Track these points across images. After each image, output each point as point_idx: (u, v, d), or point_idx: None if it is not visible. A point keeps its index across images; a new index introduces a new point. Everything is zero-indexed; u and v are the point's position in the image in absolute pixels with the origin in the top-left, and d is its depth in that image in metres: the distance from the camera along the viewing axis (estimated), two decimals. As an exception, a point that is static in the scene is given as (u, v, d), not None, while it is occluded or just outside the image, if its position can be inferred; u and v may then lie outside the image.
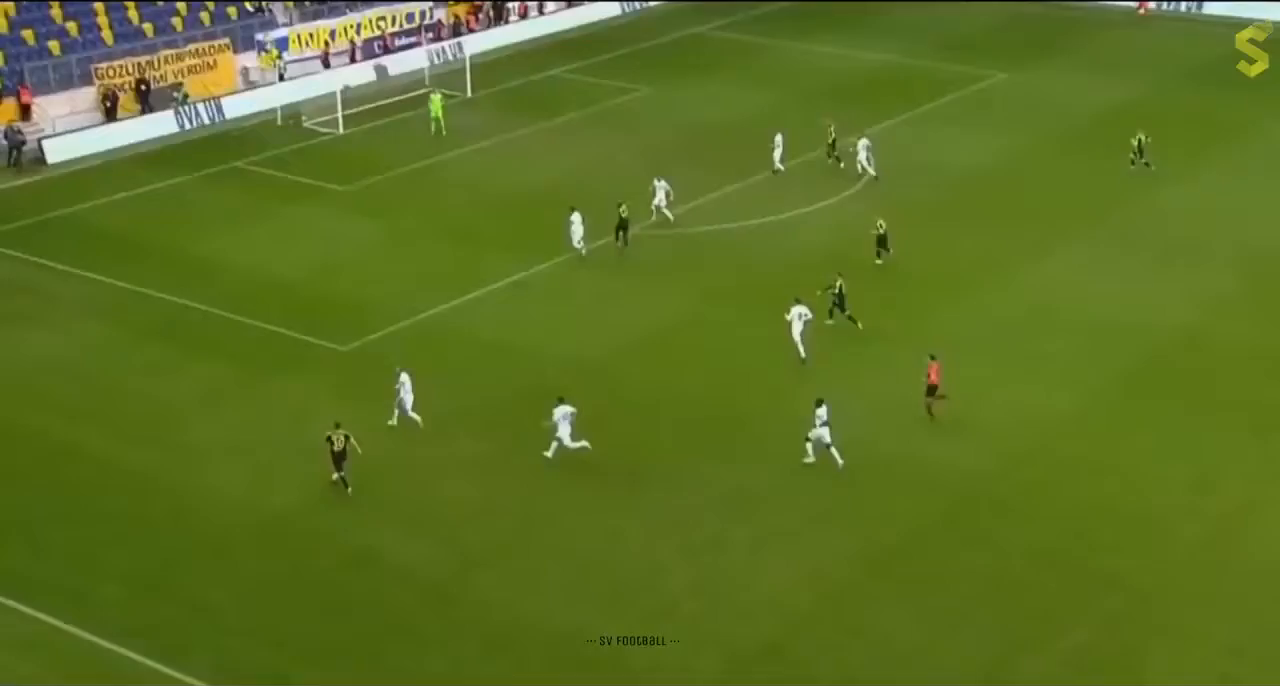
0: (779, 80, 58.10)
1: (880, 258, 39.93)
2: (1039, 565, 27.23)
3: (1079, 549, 27.76)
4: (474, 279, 38.87)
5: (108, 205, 44.93)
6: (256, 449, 30.92)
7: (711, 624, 25.49)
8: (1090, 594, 26.43)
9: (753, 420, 31.96)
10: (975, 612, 25.84)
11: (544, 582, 26.50)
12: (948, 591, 26.38)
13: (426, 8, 62.78)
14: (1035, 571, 27.02)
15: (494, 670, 24.47)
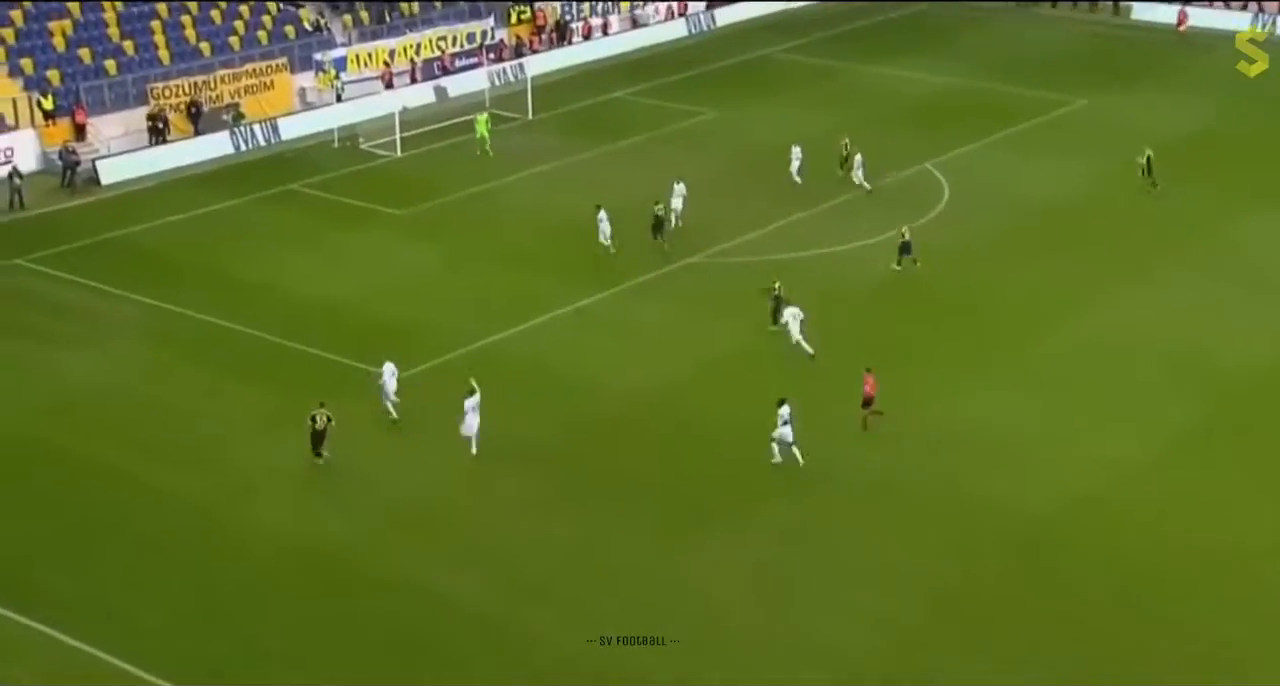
0: (849, 104, 58.22)
1: (899, 265, 40.40)
2: (1113, 611, 26.97)
3: (1155, 594, 27.48)
4: (533, 306, 39.21)
5: (160, 227, 45.80)
6: (304, 477, 31.31)
7: (775, 669, 25.44)
8: (1168, 641, 26.15)
9: (820, 456, 31.96)
10: (1046, 659, 25.62)
11: (597, 620, 26.54)
12: (1016, 637, 26.19)
13: (487, 28, 63.56)
14: (1109, 618, 26.76)
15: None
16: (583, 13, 67.82)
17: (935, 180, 49.37)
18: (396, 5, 62.60)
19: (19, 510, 30.09)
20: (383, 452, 32.28)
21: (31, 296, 40.52)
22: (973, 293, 40.19)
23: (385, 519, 29.78)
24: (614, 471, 31.53)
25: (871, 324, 38.50)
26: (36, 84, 51.83)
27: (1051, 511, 30.02)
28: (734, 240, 43.88)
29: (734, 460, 31.89)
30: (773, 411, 31.60)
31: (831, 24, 71.94)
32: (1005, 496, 30.50)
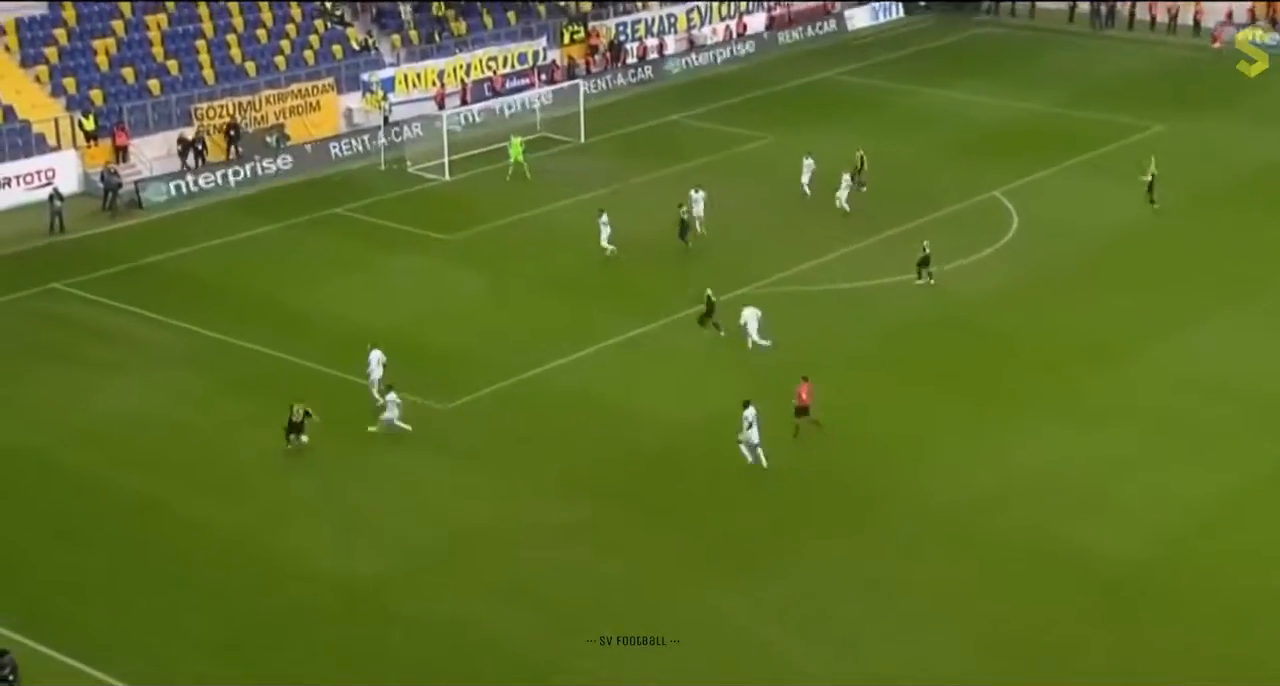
0: (914, 129, 58.11)
1: (921, 278, 40.82)
2: (1198, 664, 26.52)
3: (1245, 646, 27.00)
4: (584, 336, 39.26)
5: (202, 252, 46.28)
6: (347, 511, 31.40)
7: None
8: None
9: (875, 495, 31.75)
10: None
11: (643, 665, 26.39)
12: None
13: (540, 48, 63.96)
14: (1194, 671, 26.31)
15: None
16: (638, 33, 68.14)
17: (1004, 208, 49.13)
18: (447, 25, 63.12)
19: (50, 538, 30.35)
20: (421, 484, 32.37)
21: (69, 321, 41.00)
22: (1041, 326, 39.93)
23: (422, 552, 29.82)
24: (661, 505, 31.48)
25: (934, 358, 38.28)
26: (79, 104, 52.58)
27: (1127, 554, 29.64)
28: (791, 269, 43.84)
29: (783, 494, 31.75)
30: (824, 442, 31.42)
31: (895, 47, 71.95)
32: (1075, 537, 30.15)
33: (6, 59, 53.01)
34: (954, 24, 75.99)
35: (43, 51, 53.53)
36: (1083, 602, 28.19)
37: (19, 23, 53.69)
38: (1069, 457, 33.23)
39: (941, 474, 32.49)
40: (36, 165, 50.14)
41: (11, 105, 51.10)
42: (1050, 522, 30.71)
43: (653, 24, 68.97)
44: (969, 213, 48.84)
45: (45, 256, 46.07)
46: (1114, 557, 29.55)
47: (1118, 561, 29.48)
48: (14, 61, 53.02)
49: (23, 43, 53.60)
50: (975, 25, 75.89)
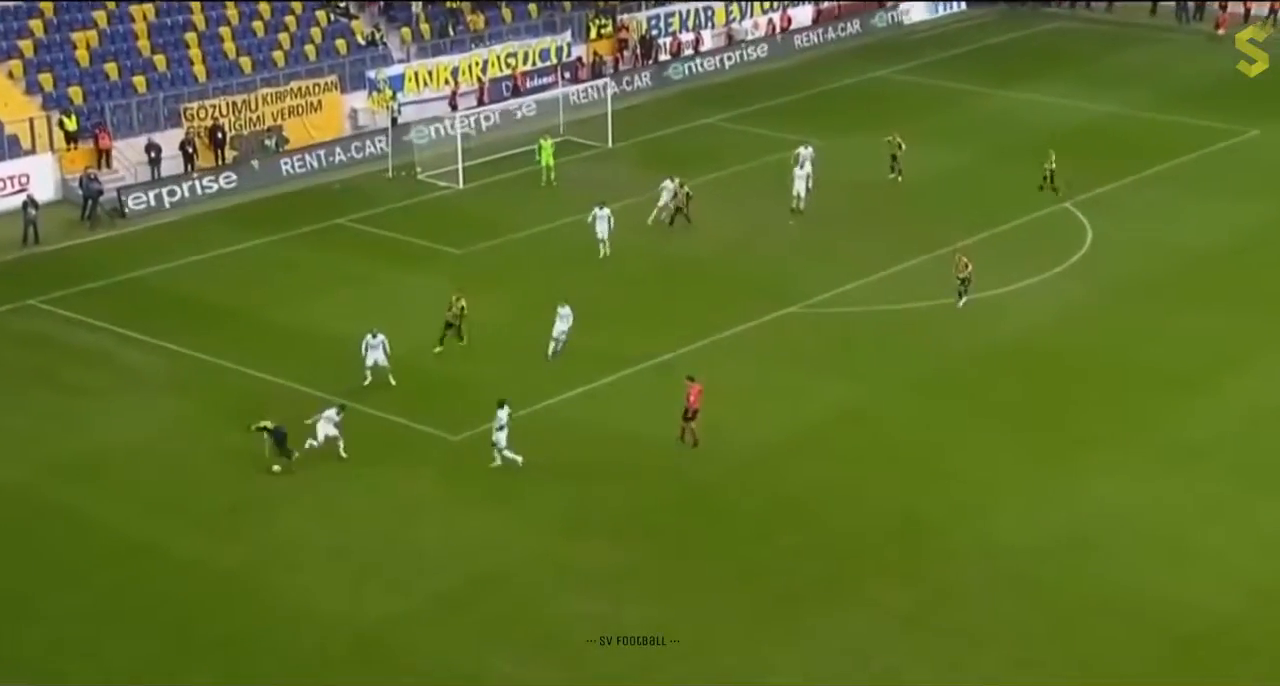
0: (977, 134, 58.45)
1: (960, 301, 41.29)
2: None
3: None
4: (609, 361, 39.66)
5: (192, 266, 46.88)
6: (353, 550, 31.83)
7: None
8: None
9: (934, 538, 32.04)
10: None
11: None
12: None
13: (564, 43, 64.57)
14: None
15: None
16: (671, 27, 68.75)
17: (1077, 222, 49.39)
18: (462, 17, 63.83)
19: (31, 584, 30.79)
20: (439, 524, 32.79)
21: (46, 341, 41.62)
22: (1117, 352, 40.17)
23: (440, 597, 30.20)
24: (698, 547, 31.82)
25: (998, 387, 38.59)
26: (56, 102, 53.37)
27: (1210, 606, 29.77)
28: (839, 287, 44.24)
29: (835, 535, 32.06)
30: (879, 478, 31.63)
31: (955, 43, 72.39)
32: (1153, 586, 30.33)
33: (-23, 54, 53.92)
34: (1022, 18, 76.38)
35: (16, 44, 54.33)
36: (1160, 659, 28.33)
37: (-10, 13, 54.65)
38: (1147, 497, 33.45)
39: (1007, 514, 32.76)
40: (9, 170, 50.97)
41: (-18, 104, 51.99)
42: (1125, 569, 30.90)
43: (688, 17, 69.62)
44: (1037, 227, 49.12)
45: (18, 270, 46.79)
46: (1196, 609, 29.68)
47: (1200, 613, 29.61)
48: (-15, 56, 53.95)
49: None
50: (1046, 19, 76.26)
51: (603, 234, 46.14)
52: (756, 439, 36.00)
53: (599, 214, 46.27)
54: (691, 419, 34.91)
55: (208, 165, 54.09)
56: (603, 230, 46.11)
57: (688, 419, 34.92)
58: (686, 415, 34.94)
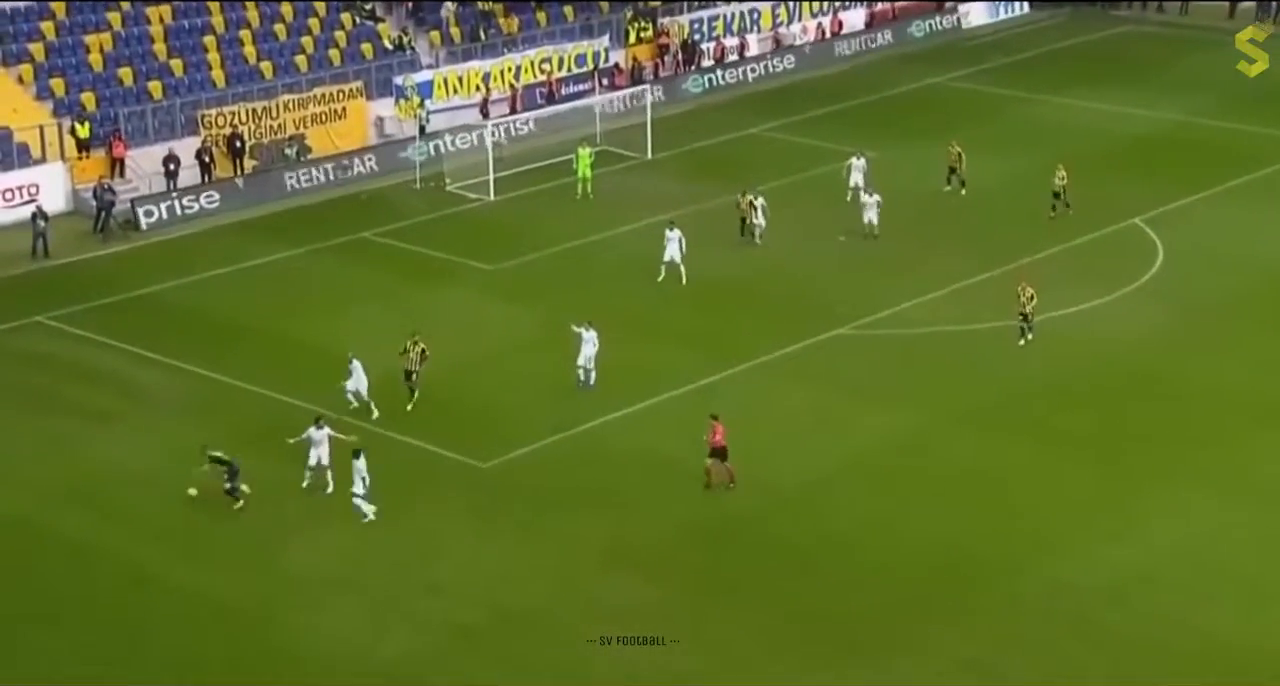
0: (1039, 144, 58.12)
1: (1024, 338, 41.06)
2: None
3: None
4: (648, 384, 39.51)
5: (209, 281, 47.01)
6: (371, 585, 31.71)
7: None
8: None
9: (993, 574, 31.72)
10: None
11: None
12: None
13: (601, 48, 64.60)
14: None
15: None
16: (715, 31, 68.70)
17: (1146, 239, 49.04)
18: (494, 21, 63.91)
19: (32, 618, 30.75)
20: (459, 554, 32.68)
21: (52, 361, 41.72)
22: (1191, 377, 39.85)
23: (463, 634, 30.01)
24: (738, 584, 31.56)
25: (1063, 414, 38.22)
26: (68, 109, 53.66)
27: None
28: (894, 307, 44.01)
29: (886, 574, 31.76)
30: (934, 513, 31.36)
31: (1017, 48, 72.16)
32: (1226, 630, 29.94)
33: (-14, 57, 54.29)
34: (1089, 22, 76.07)
35: (26, 48, 54.68)
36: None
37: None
38: (1221, 535, 33.03)
39: (1071, 552, 32.36)
40: (18, 180, 51.26)
41: (-10, 110, 52.31)
42: (1197, 612, 30.51)
43: (732, 21, 69.57)
44: (1105, 243, 48.79)
45: (26, 285, 47.03)
46: (1270, 656, 29.26)
47: (1274, 660, 29.17)
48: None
49: (3, 38, 54.73)
50: (1114, 23, 75.95)
51: (673, 257, 45.34)
52: (803, 469, 35.75)
53: (670, 235, 45.54)
54: (723, 458, 34.37)
55: (225, 175, 54.24)
56: (673, 253, 45.35)
57: (719, 458, 34.35)
58: (713, 454, 34.38)
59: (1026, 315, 41.38)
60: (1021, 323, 41.50)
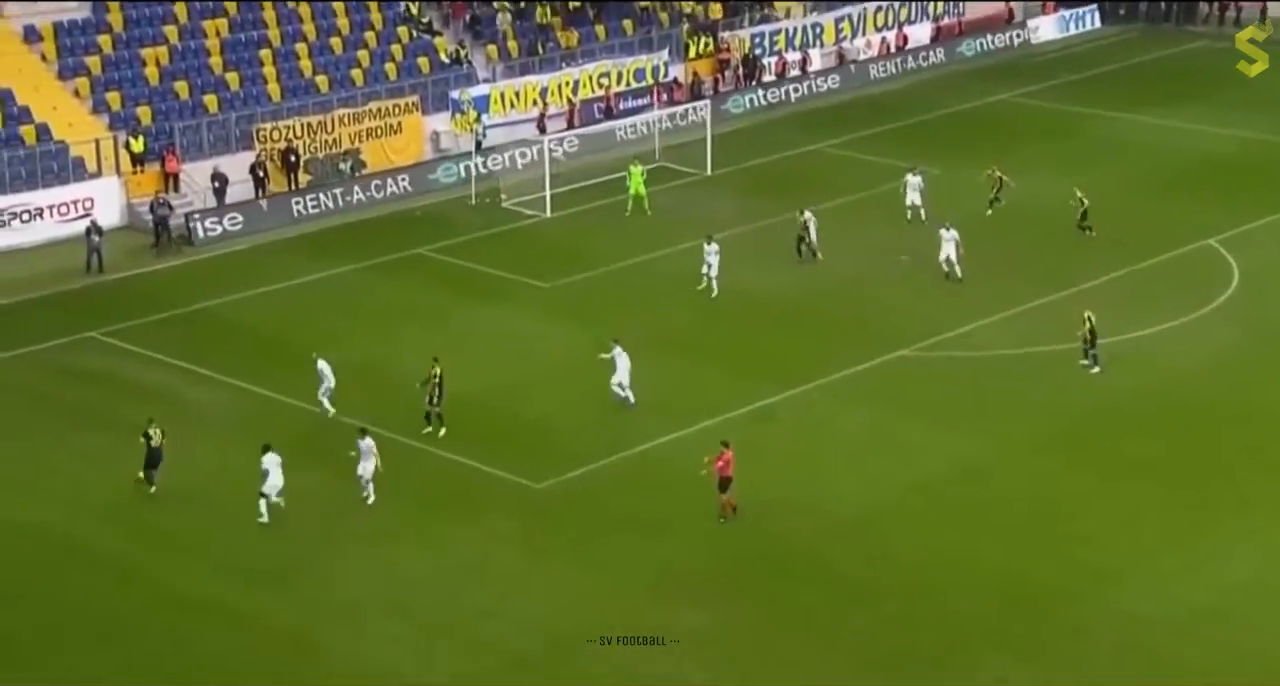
0: (1109, 162, 57.76)
1: (1086, 359, 40.46)
2: None
3: None
4: (704, 405, 39.29)
5: (263, 297, 47.18)
6: (421, 608, 31.60)
7: None
8: None
9: (1059, 605, 31.29)
10: None
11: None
12: None
13: (660, 62, 64.55)
14: None
15: None
16: (777, 46, 68.54)
17: (1221, 260, 48.50)
18: (552, 34, 63.97)
19: (83, 637, 30.79)
20: (515, 578, 32.53)
21: (106, 377, 41.91)
22: (1267, 405, 39.30)
23: (514, 661, 29.84)
24: (795, 612, 31.28)
25: (1132, 442, 37.76)
26: (123, 123, 54.03)
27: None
28: (957, 329, 43.65)
29: (949, 604, 31.40)
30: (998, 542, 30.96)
31: (1088, 64, 71.68)
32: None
33: (43, 69, 54.73)
34: (1163, 37, 75.42)
35: (83, 61, 55.16)
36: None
37: (57, 27, 55.36)
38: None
39: (1141, 583, 31.91)
40: (73, 194, 51.63)
41: (46, 123, 52.70)
42: (1272, 645, 30.01)
43: (794, 35, 69.40)
44: (1177, 264, 48.27)
45: (80, 300, 47.37)
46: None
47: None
48: (51, 72, 54.72)
49: (61, 51, 55.25)
50: (1188, 38, 75.28)
51: (710, 269, 45.79)
52: (862, 495, 35.43)
53: (708, 249, 45.86)
54: (724, 489, 33.92)
55: (280, 189, 54.44)
56: (711, 266, 45.76)
57: (723, 489, 33.94)
58: (722, 485, 33.92)
59: (1088, 341, 40.76)
60: (1084, 347, 40.93)
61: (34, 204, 50.91)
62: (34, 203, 50.91)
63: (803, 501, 35.06)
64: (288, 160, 54.80)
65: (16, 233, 50.56)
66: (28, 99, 53.13)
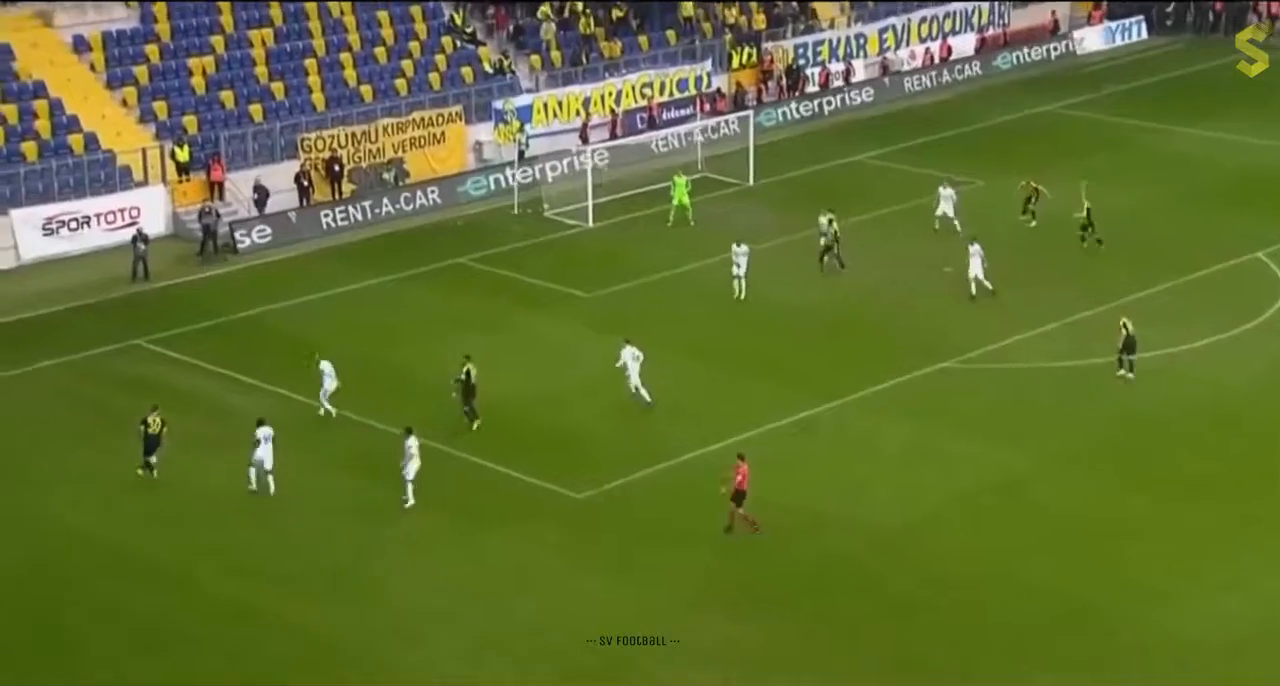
0: (1157, 175, 57.58)
1: (1121, 368, 40.46)
2: None
3: None
4: (746, 416, 39.30)
5: (306, 305, 47.42)
6: (465, 616, 31.67)
7: None
8: None
9: (1102, 622, 31.10)
10: None
11: None
12: None
13: (703, 73, 64.62)
14: None
15: None
16: (820, 56, 68.52)
17: (1269, 274, 48.25)
18: (595, 45, 64.13)
19: (127, 647, 30.96)
20: (559, 588, 32.59)
21: (149, 384, 42.10)
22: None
23: (566, 672, 29.87)
24: (837, 628, 31.21)
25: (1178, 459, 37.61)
26: (169, 132, 54.40)
27: None
28: (1000, 341, 43.54)
29: (994, 621, 31.27)
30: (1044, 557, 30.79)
31: (1135, 75, 71.45)
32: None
33: (92, 79, 55.18)
34: (1210, 49, 74.87)
35: (131, 71, 55.56)
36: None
37: (106, 37, 55.82)
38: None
39: (1193, 603, 31.65)
40: (120, 203, 52.00)
41: (94, 133, 53.11)
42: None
43: (838, 46, 69.39)
44: (1225, 277, 48.03)
45: (127, 308, 47.68)
46: None
47: None
48: (99, 81, 55.15)
49: (109, 61, 55.68)
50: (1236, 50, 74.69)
51: (739, 272, 46.40)
52: (905, 508, 35.35)
53: (738, 251, 46.36)
54: (739, 503, 33.81)
55: (323, 199, 54.74)
56: (740, 268, 46.32)
57: (738, 503, 33.83)
58: (735, 497, 33.83)
59: (1125, 347, 40.73)
60: (1121, 356, 40.87)
61: (82, 212, 51.31)
62: (82, 211, 51.32)
63: (845, 514, 34.99)
64: (331, 169, 55.10)
65: (65, 240, 50.99)
66: (76, 108, 53.61)
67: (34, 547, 34.39)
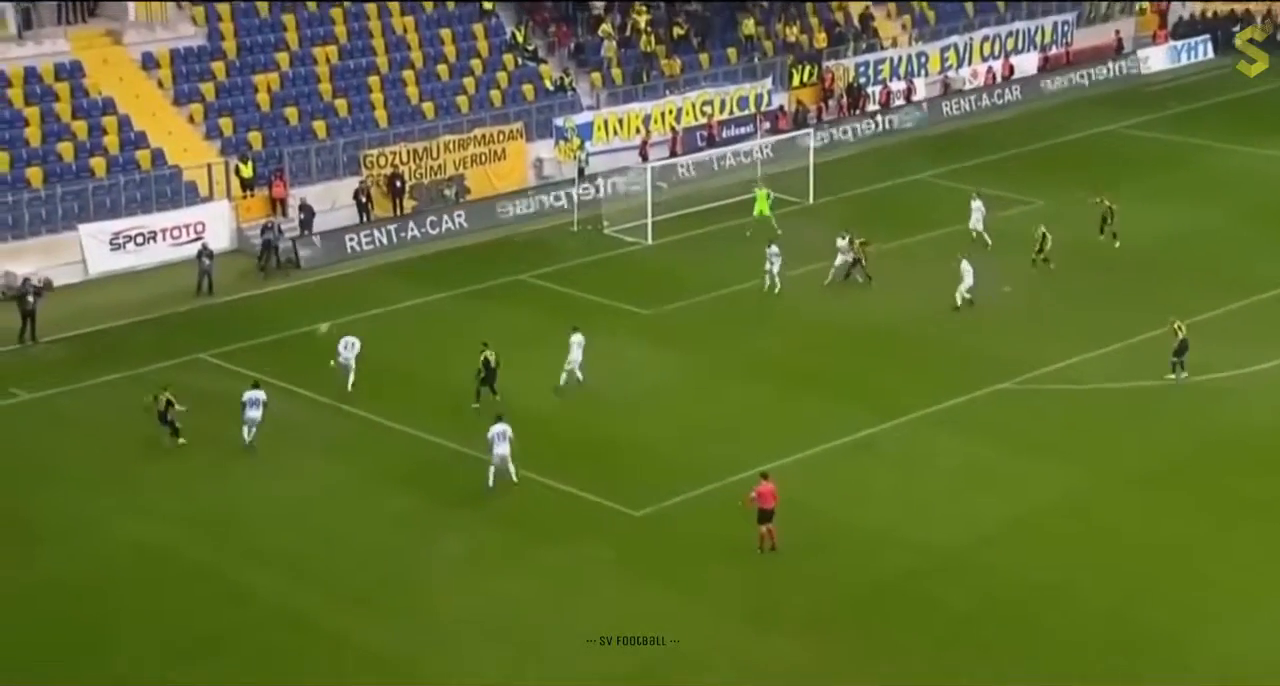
0: (1221, 195, 57.10)
1: (1173, 372, 40.15)
2: None
3: None
4: (805, 435, 39.13)
5: (365, 321, 47.34)
6: (517, 633, 31.60)
7: None
8: None
9: (1163, 646, 30.80)
10: None
11: None
12: None
13: (764, 91, 64.53)
14: None
15: None
16: (881, 75, 68.28)
17: (1333, 294, 47.76)
18: (656, 62, 64.13)
19: (192, 653, 31.13)
20: (614, 605, 32.46)
21: (210, 396, 42.22)
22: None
23: None
24: (894, 647, 30.92)
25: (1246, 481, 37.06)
26: (234, 148, 54.76)
27: None
28: (1060, 362, 43.18)
29: (1054, 642, 30.93)
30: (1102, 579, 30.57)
31: (1200, 95, 70.82)
32: None
33: (160, 96, 55.62)
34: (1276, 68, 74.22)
35: (198, 87, 55.95)
36: None
37: (173, 54, 56.28)
38: None
39: (1253, 626, 31.25)
40: (185, 218, 52.33)
41: (161, 148, 53.51)
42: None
43: (899, 64, 69.12)
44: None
45: (191, 322, 47.98)
46: None
47: None
48: (167, 99, 55.58)
49: (176, 77, 56.08)
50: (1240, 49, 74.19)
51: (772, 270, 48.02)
52: (963, 528, 35.06)
53: (770, 252, 47.73)
54: (766, 520, 33.61)
55: (384, 215, 54.93)
56: (773, 267, 47.96)
57: (765, 521, 33.61)
58: (762, 517, 33.63)
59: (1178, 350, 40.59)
60: (1173, 359, 40.73)
61: (148, 227, 51.67)
62: (148, 226, 51.68)
63: (903, 533, 34.75)
64: (393, 186, 55.31)
65: (131, 255, 51.38)
66: (144, 124, 54.04)
67: (91, 558, 34.61)
